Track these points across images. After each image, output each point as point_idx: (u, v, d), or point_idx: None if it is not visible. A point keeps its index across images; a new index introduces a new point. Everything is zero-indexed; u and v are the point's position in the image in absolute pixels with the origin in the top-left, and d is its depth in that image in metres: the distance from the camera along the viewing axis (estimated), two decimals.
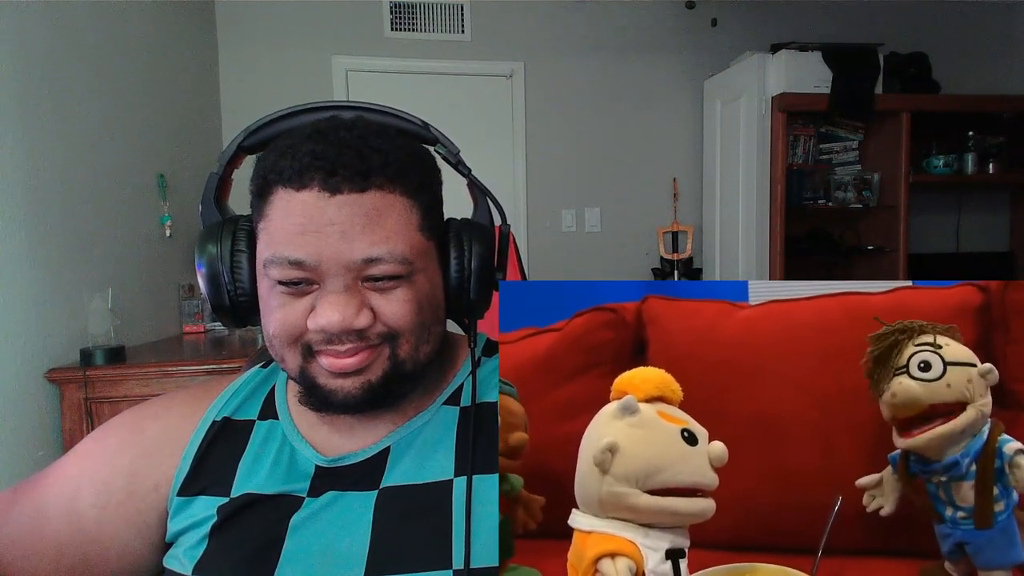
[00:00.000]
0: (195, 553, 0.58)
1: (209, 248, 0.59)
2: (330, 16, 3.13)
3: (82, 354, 1.81)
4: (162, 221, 2.40)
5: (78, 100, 1.95)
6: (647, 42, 3.38)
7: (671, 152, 3.46)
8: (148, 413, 0.67)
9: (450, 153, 0.65)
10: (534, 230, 3.37)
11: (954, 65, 3.37)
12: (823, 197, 3.26)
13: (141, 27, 2.35)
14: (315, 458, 0.62)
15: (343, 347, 0.56)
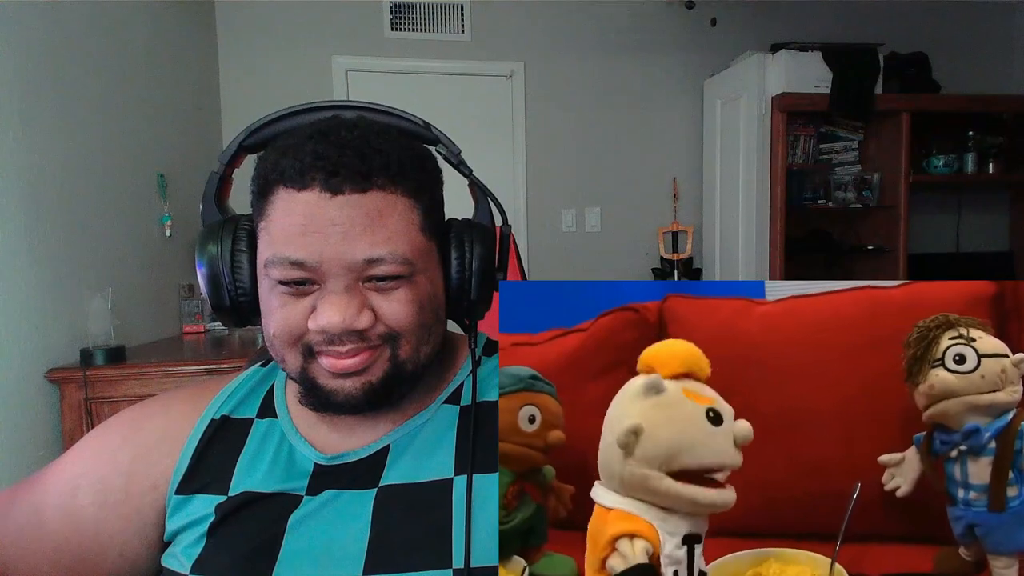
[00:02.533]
0: (193, 551, 0.58)
1: (209, 248, 0.59)
2: (330, 16, 3.13)
3: (82, 354, 1.81)
4: (162, 221, 2.40)
5: (78, 100, 1.95)
6: (647, 42, 3.38)
7: (671, 152, 3.46)
8: (147, 412, 0.67)
9: (451, 153, 0.65)
10: (534, 230, 3.37)
11: (954, 65, 3.38)
12: (823, 197, 3.27)
13: (141, 27, 2.35)
14: (314, 456, 0.62)
15: (344, 348, 0.56)
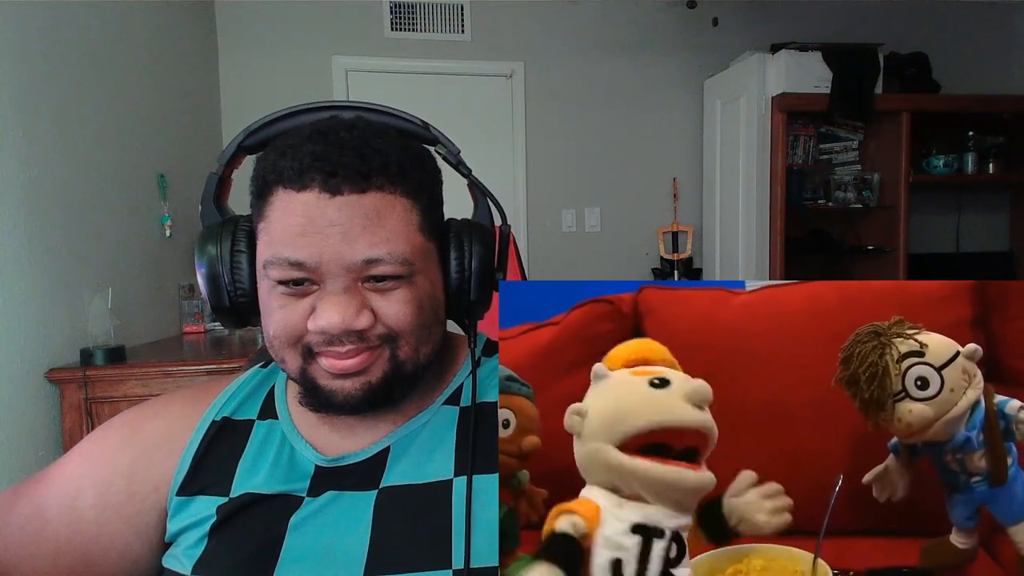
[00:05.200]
0: (194, 553, 0.58)
1: (209, 248, 0.59)
2: (330, 16, 3.13)
3: (82, 354, 1.81)
4: (162, 221, 2.40)
5: (78, 100, 1.95)
6: (647, 42, 3.38)
7: (671, 152, 3.46)
8: (147, 413, 0.67)
9: (450, 153, 0.65)
10: (534, 230, 3.37)
11: (954, 65, 3.37)
12: (823, 197, 3.27)
13: (141, 27, 2.35)
14: (315, 458, 0.62)
15: (343, 348, 0.56)
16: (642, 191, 3.44)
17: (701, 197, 3.48)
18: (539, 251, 3.37)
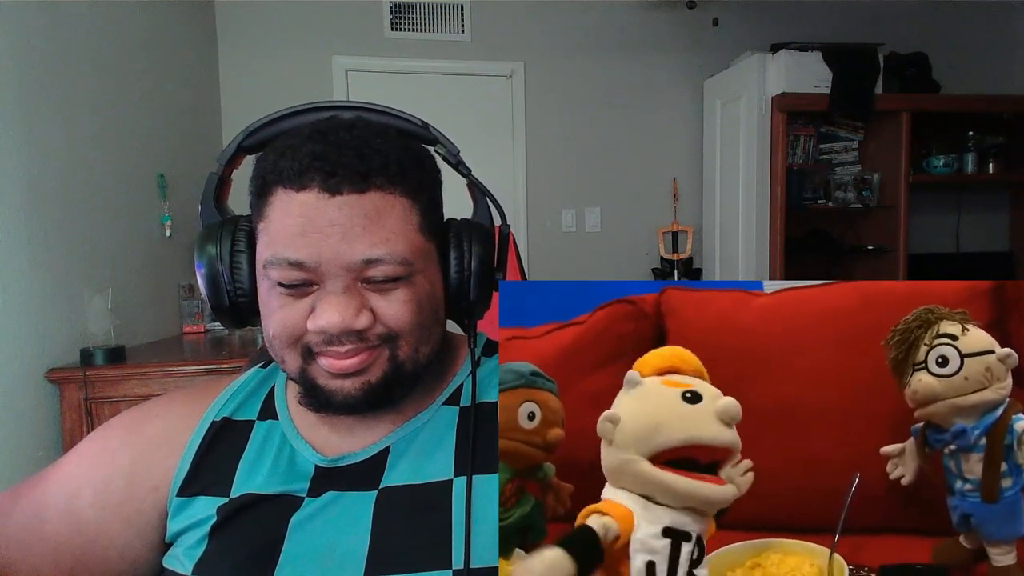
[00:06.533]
0: (195, 553, 0.58)
1: (208, 248, 0.59)
2: (330, 16, 3.13)
3: (82, 354, 1.82)
4: (162, 221, 2.40)
5: (78, 100, 1.95)
6: (647, 42, 3.38)
7: (671, 152, 3.46)
8: (148, 413, 0.67)
9: (450, 153, 0.65)
10: (534, 230, 3.37)
11: (954, 65, 3.37)
12: (823, 197, 3.27)
13: (141, 27, 2.35)
14: (315, 458, 0.62)
15: (343, 348, 0.56)
16: (642, 191, 3.44)
17: (701, 197, 3.48)
18: (539, 251, 3.37)
